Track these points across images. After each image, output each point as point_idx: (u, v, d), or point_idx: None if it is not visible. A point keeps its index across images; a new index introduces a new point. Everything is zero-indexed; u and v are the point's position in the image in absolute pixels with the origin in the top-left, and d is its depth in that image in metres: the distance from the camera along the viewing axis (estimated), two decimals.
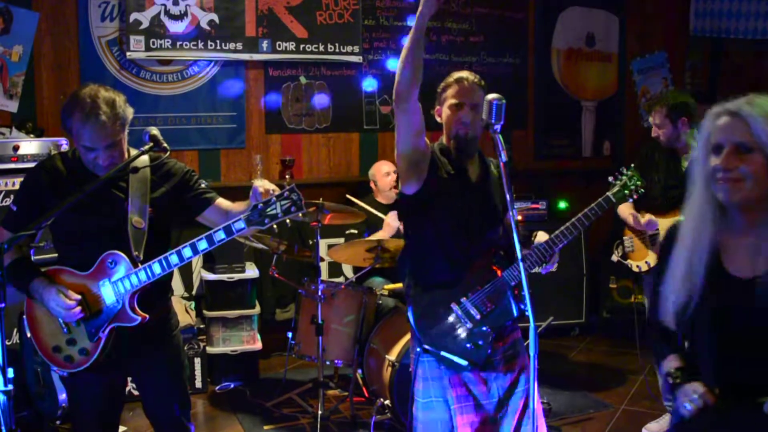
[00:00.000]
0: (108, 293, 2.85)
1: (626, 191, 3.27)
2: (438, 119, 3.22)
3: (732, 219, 2.24)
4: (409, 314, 3.12)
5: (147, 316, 2.89)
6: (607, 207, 3.23)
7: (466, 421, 3.05)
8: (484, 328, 3.05)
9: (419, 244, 3.18)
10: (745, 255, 2.21)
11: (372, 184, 5.77)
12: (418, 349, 3.12)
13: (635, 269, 4.47)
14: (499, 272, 3.09)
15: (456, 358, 3.04)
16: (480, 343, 3.04)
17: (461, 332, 3.05)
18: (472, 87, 3.11)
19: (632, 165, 3.36)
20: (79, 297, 2.83)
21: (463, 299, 3.07)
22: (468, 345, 3.04)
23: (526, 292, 2.56)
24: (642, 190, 3.27)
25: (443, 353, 3.05)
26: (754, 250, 2.18)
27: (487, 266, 3.10)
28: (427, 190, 3.10)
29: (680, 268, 2.26)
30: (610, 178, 3.34)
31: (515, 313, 3.07)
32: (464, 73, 3.16)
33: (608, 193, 3.26)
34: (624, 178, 3.28)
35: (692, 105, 4.43)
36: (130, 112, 2.86)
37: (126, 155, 2.93)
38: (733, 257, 2.23)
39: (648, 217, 4.37)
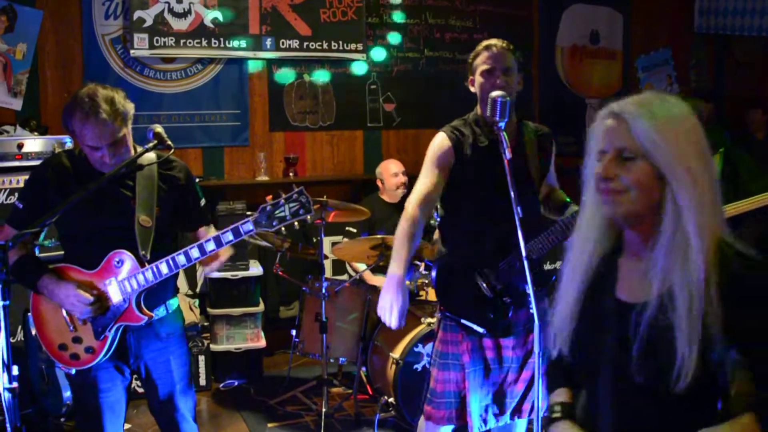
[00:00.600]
0: (114, 292, 2.85)
1: None
2: (471, 89, 3.23)
3: (626, 236, 1.92)
4: (432, 279, 3.16)
5: (153, 315, 2.90)
6: None
7: (479, 384, 3.13)
8: (505, 299, 3.08)
9: (452, 213, 3.24)
10: (636, 279, 1.86)
11: (379, 182, 5.76)
12: (439, 314, 3.21)
13: None
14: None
15: (475, 326, 3.08)
16: (500, 312, 3.08)
17: (482, 301, 3.08)
18: (501, 52, 3.14)
19: None
20: (95, 293, 2.84)
21: (487, 270, 3.09)
22: (489, 314, 3.08)
23: (530, 291, 2.57)
24: None
25: (463, 321, 3.10)
26: (644, 274, 1.82)
27: (511, 238, 3.08)
28: (462, 163, 3.13)
29: (568, 293, 1.96)
30: None
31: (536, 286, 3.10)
32: (493, 40, 3.19)
33: None
34: None
35: (701, 107, 4.39)
36: (130, 107, 2.86)
37: (133, 151, 2.93)
38: (625, 282, 1.90)
39: None
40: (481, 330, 3.09)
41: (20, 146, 4.74)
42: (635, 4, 7.54)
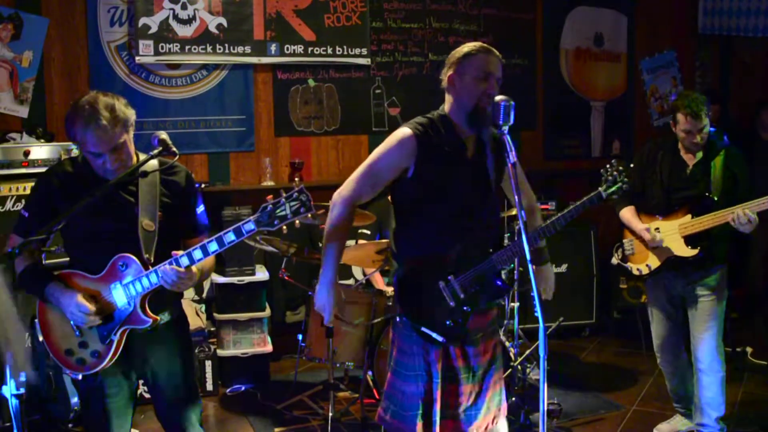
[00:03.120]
0: (119, 296, 2.87)
1: (614, 187, 3.18)
2: (446, 84, 3.08)
3: None
4: (395, 285, 3.12)
5: (158, 318, 2.92)
6: (597, 203, 3.18)
7: (446, 392, 3.08)
8: (465, 307, 3.04)
9: (411, 217, 3.12)
10: None
11: None
12: (398, 319, 3.14)
13: (635, 272, 4.42)
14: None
15: (435, 335, 3.03)
16: (459, 320, 3.04)
17: (443, 309, 3.04)
18: (497, 59, 3.03)
19: (617, 160, 3.27)
20: (98, 305, 2.86)
21: (451, 277, 3.04)
22: (447, 322, 3.04)
23: (536, 294, 2.57)
24: (626, 186, 3.18)
25: (423, 329, 3.05)
26: None
27: (479, 245, 3.06)
28: (428, 168, 3.01)
29: None
30: (602, 171, 3.24)
31: (499, 295, 3.10)
32: (486, 45, 3.07)
33: (600, 189, 3.18)
34: (615, 174, 3.18)
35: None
36: (131, 114, 2.88)
37: (134, 157, 2.95)
38: None
39: (657, 237, 4.25)
40: (439, 338, 3.03)
41: (27, 153, 4.77)
42: (639, 6, 7.53)
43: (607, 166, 3.18)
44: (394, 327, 3.23)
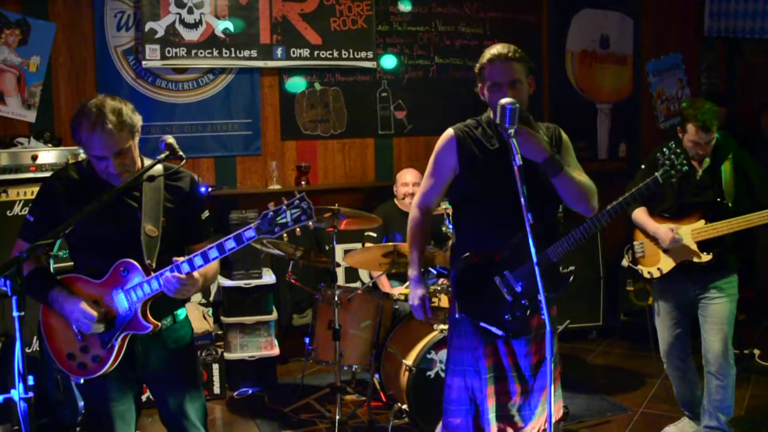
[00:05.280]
0: (121, 301, 2.88)
1: (673, 171, 3.16)
2: (482, 97, 3.23)
3: None
4: (452, 281, 3.20)
5: (159, 324, 2.91)
6: (654, 189, 3.19)
7: (496, 391, 3.12)
8: (523, 301, 3.10)
9: (465, 214, 3.28)
10: None
11: (394, 189, 5.80)
12: (457, 316, 3.21)
13: (646, 275, 4.39)
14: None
15: (494, 329, 3.11)
16: (518, 314, 3.11)
17: (501, 304, 3.10)
18: (506, 65, 3.11)
19: (671, 144, 3.25)
20: (103, 311, 2.87)
21: (507, 272, 3.11)
22: (507, 316, 3.10)
23: (542, 297, 2.57)
24: (686, 167, 3.17)
25: (482, 324, 3.12)
26: None
27: (534, 238, 3.07)
28: (473, 165, 3.16)
29: None
30: (658, 155, 3.22)
31: (555, 289, 3.12)
32: (497, 49, 3.14)
33: (656, 174, 3.16)
34: (673, 157, 3.16)
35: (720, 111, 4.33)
36: (138, 120, 2.88)
37: (139, 162, 2.95)
38: None
39: (678, 236, 4.21)
40: (499, 332, 3.10)
41: (34, 158, 4.78)
42: (645, 9, 7.51)
43: (665, 149, 3.18)
44: (449, 323, 3.34)
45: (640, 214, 4.39)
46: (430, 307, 3.34)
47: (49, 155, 4.85)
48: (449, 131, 3.23)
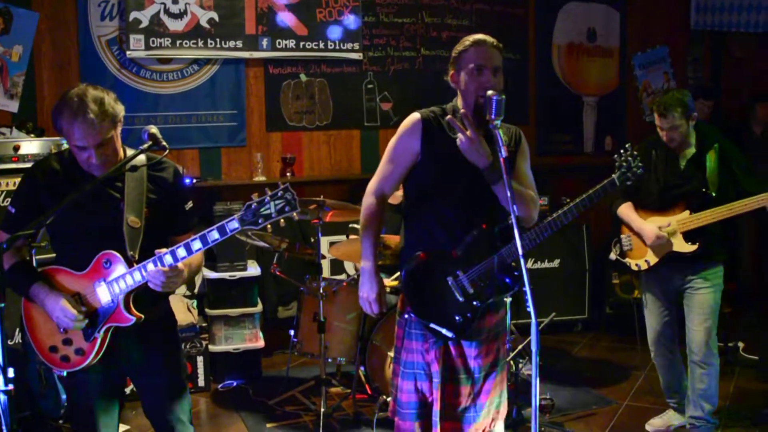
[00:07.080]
0: (103, 293, 2.85)
1: (629, 173, 3.14)
2: (453, 85, 3.14)
3: None
4: (402, 280, 3.12)
5: (142, 316, 2.88)
6: (610, 191, 3.15)
7: (447, 394, 3.08)
8: (475, 303, 3.02)
9: (420, 211, 3.15)
10: None
11: None
12: (406, 316, 3.13)
13: (634, 267, 4.41)
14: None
15: (444, 330, 3.04)
16: (468, 316, 3.02)
17: (452, 305, 3.03)
18: (492, 50, 3.03)
19: (631, 145, 3.24)
20: (84, 310, 2.84)
21: (459, 272, 3.03)
22: (457, 317, 3.03)
23: (527, 289, 2.55)
24: (640, 170, 3.14)
25: (432, 325, 3.05)
26: None
27: (487, 240, 3.03)
28: (436, 153, 3.05)
29: None
30: (615, 156, 3.20)
31: (507, 290, 3.04)
32: (481, 36, 3.07)
33: (613, 176, 3.14)
34: (630, 159, 3.14)
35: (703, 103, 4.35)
36: (120, 109, 2.85)
37: (121, 153, 2.92)
38: None
39: (659, 234, 4.22)
40: (449, 334, 3.03)
41: (17, 148, 4.74)
42: (631, 2, 7.53)
43: (621, 151, 3.15)
44: (398, 322, 3.21)
45: (625, 210, 4.40)
46: (383, 302, 3.17)
47: (31, 146, 4.80)
48: (415, 114, 3.11)
